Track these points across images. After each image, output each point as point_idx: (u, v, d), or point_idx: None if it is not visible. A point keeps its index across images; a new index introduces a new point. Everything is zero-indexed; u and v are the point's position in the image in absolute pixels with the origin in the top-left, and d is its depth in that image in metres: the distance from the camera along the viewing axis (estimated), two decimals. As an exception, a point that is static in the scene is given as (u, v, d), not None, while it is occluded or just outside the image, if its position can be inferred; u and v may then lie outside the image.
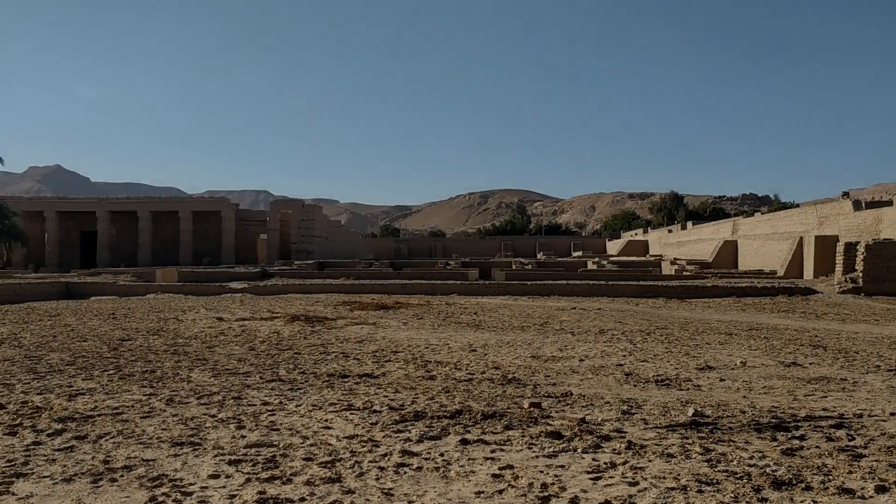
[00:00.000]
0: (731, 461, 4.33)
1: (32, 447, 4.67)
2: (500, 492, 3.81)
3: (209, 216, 54.08)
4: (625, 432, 5.07)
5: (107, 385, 6.92)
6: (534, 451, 4.58)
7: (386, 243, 71.12)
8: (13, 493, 3.77)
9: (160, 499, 3.69)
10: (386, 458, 4.43)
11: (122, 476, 4.06)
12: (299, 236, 51.04)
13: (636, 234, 67.36)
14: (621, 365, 8.50)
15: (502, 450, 4.63)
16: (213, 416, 5.58)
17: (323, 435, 5.01)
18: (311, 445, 4.72)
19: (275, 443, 4.80)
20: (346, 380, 7.33)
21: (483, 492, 3.81)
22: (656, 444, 4.73)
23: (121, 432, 5.04)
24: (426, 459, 4.42)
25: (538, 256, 55.54)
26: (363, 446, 4.72)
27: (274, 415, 5.66)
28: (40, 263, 49.93)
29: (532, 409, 5.82)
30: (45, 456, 4.46)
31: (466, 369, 8.12)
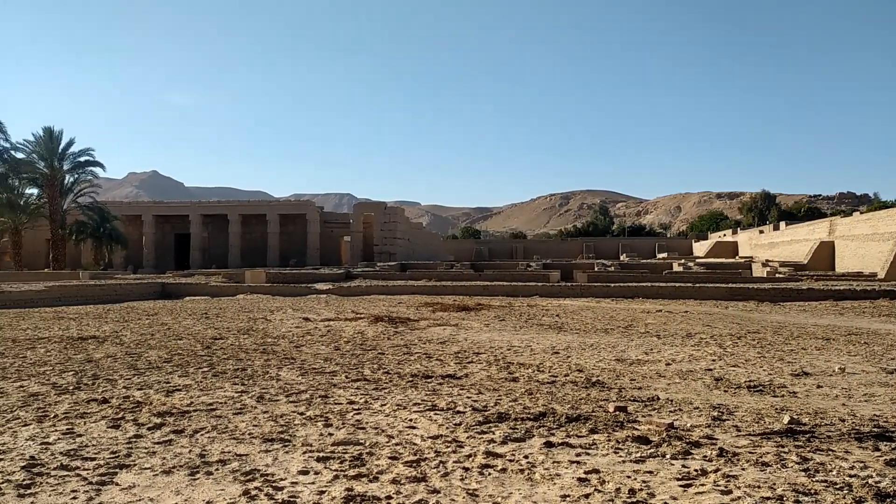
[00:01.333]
0: (830, 471, 4.13)
1: (134, 440, 4.90)
2: (587, 496, 3.75)
3: (295, 219, 55.53)
4: (716, 439, 4.92)
5: (201, 382, 7.20)
6: (620, 456, 4.50)
7: (467, 245, 71.28)
8: (117, 484, 3.96)
9: (253, 492, 3.81)
10: (470, 459, 4.44)
11: (217, 469, 4.21)
12: (381, 238, 51.75)
13: (724, 234, 65.23)
14: (710, 370, 8.25)
15: (588, 453, 4.57)
16: (302, 413, 5.72)
17: (408, 434, 5.06)
18: (397, 444, 4.78)
19: (361, 441, 4.88)
20: (429, 380, 7.39)
21: (569, 495, 3.77)
22: (750, 452, 4.56)
23: (215, 427, 5.23)
24: (510, 461, 4.41)
25: (621, 258, 54.53)
26: (447, 446, 4.74)
27: (360, 414, 5.76)
28: (138, 265, 52.38)
29: (618, 412, 5.72)
30: (145, 448, 4.67)
31: (549, 371, 8.05)
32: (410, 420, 5.51)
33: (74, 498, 3.73)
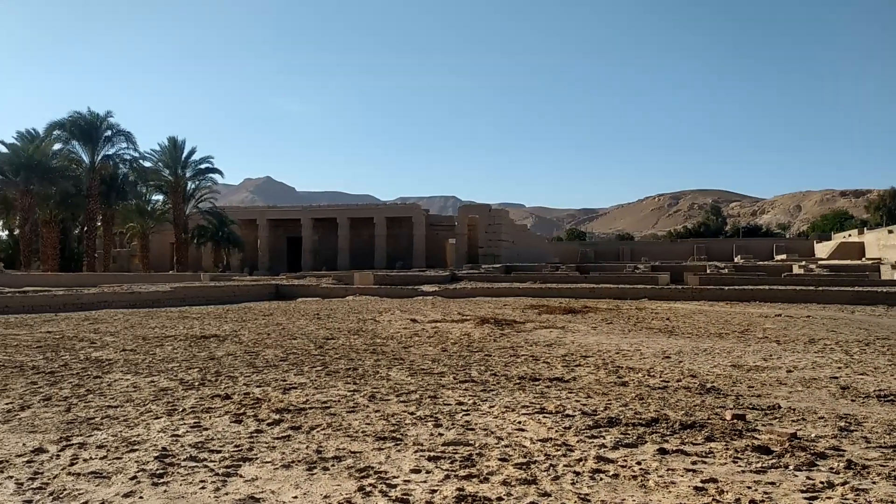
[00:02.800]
0: (976, 490, 3.83)
1: (255, 434, 5.13)
2: (704, 506, 3.64)
3: (401, 222, 56.51)
4: (843, 450, 4.65)
5: (315, 380, 7.45)
6: (739, 466, 4.33)
7: (572, 247, 70.38)
8: (241, 476, 4.16)
9: (367, 489, 3.91)
10: (581, 464, 4.39)
11: (332, 465, 4.36)
12: (486, 240, 51.89)
13: (849, 235, 61.44)
14: (836, 378, 7.80)
15: (704, 462, 4.42)
16: (412, 413, 5.83)
17: (517, 437, 5.06)
18: (506, 446, 4.79)
19: (470, 442, 4.91)
20: (536, 383, 7.35)
21: (685, 504, 3.66)
22: (881, 465, 4.29)
23: (330, 425, 5.40)
24: (623, 467, 4.33)
25: (735, 260, 52.37)
26: (557, 450, 4.71)
27: (468, 415, 5.80)
28: (254, 267, 54.71)
29: (735, 421, 5.50)
30: (266, 443, 4.89)
31: (660, 376, 7.84)
32: (519, 422, 5.50)
33: (203, 488, 3.95)
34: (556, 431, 5.21)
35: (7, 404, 6.19)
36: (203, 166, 53.83)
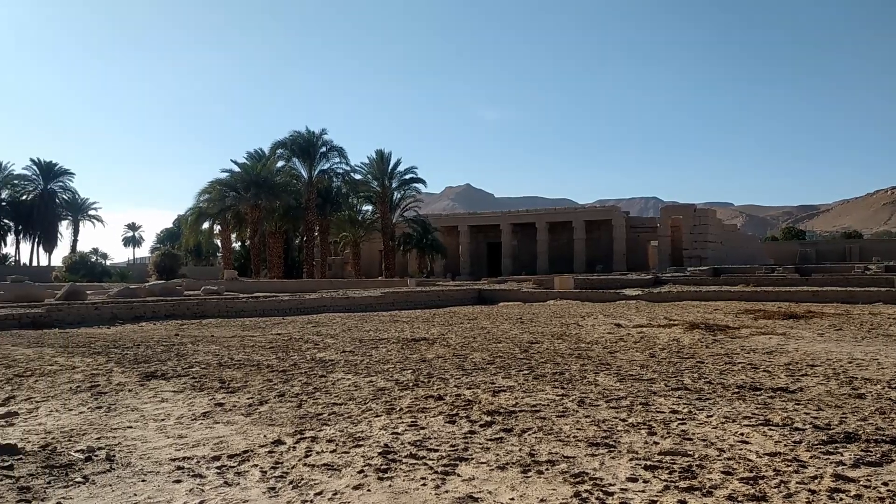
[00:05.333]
0: None
1: (469, 435, 5.27)
2: (973, 538, 3.20)
3: (600, 225, 55.60)
4: None
5: (523, 384, 7.51)
6: None
7: (789, 247, 65.18)
8: (458, 475, 4.29)
9: (584, 495, 3.87)
10: (816, 482, 4.04)
11: (546, 469, 4.36)
12: (691, 242, 49.57)
13: None
14: None
15: (968, 488, 3.89)
16: (623, 420, 5.69)
17: (740, 449, 4.76)
18: (729, 459, 4.52)
19: (689, 452, 4.70)
20: (757, 393, 6.88)
21: (948, 535, 3.24)
22: None
23: (540, 429, 5.42)
24: (866, 487, 3.93)
25: None
26: (787, 465, 4.37)
27: (684, 424, 5.56)
28: (455, 272, 56.41)
29: None
30: (479, 444, 5.00)
31: (905, 389, 7.02)
32: (742, 434, 5.17)
33: (424, 484, 4.12)
34: (785, 445, 4.83)
35: (249, 399, 6.87)
36: (407, 177, 56.57)
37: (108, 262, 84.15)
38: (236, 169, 52.10)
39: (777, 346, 10.71)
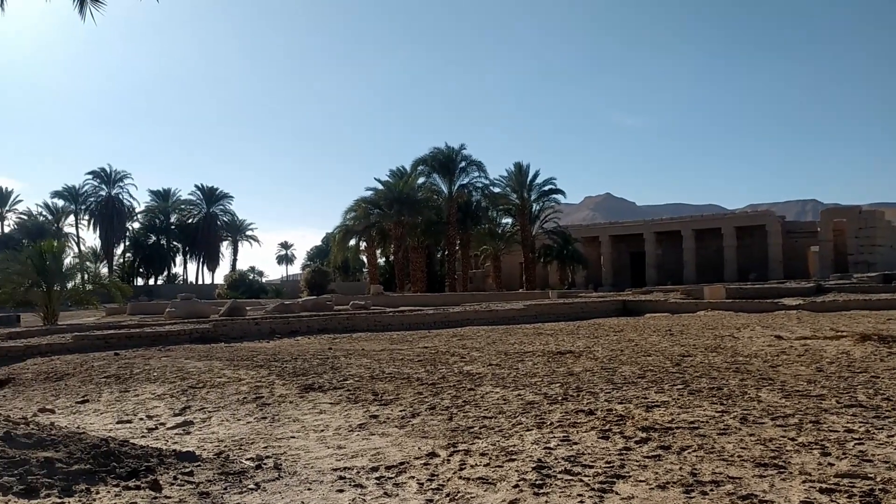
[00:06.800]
0: None
1: (624, 452, 5.12)
2: None
3: (752, 231, 52.84)
4: None
5: (678, 399, 7.22)
6: None
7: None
8: (616, 493, 4.17)
9: (754, 519, 3.65)
10: None
11: (711, 490, 4.15)
12: (856, 246, 46.00)
13: None
14: None
15: None
16: (793, 439, 5.33)
17: (931, 474, 4.33)
18: (919, 485, 4.12)
19: (870, 475, 4.33)
20: (947, 412, 6.24)
21: None
22: None
23: (701, 447, 5.18)
24: None
25: None
26: None
27: (862, 444, 5.13)
28: (597, 283, 55.33)
29: None
30: (636, 461, 4.84)
31: None
32: (932, 457, 4.70)
33: (581, 502, 4.03)
34: None
35: (401, 411, 7.03)
36: (546, 188, 56.26)
37: (263, 279, 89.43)
38: (380, 187, 54.00)
39: (966, 360, 9.68)
